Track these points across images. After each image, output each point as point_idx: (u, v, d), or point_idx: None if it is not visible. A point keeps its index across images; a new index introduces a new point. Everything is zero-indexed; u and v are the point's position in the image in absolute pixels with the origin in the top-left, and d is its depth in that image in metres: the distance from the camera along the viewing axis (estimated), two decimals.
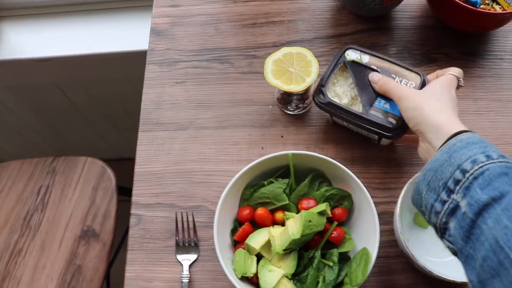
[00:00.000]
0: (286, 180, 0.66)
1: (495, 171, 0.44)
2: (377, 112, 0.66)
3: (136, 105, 0.80)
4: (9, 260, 1.03)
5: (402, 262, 0.68)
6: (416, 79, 0.66)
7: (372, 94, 0.67)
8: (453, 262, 0.67)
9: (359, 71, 0.68)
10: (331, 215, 0.64)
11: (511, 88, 0.78)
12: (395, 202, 0.66)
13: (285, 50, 0.72)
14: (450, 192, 0.46)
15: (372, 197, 0.63)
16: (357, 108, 0.68)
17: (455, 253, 0.46)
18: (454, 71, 0.63)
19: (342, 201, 0.65)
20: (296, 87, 0.69)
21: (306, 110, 0.77)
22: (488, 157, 0.46)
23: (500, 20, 0.76)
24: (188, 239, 0.69)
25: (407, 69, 0.67)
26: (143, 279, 0.68)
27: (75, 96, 1.24)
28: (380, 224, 0.63)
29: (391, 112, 0.66)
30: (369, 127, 0.67)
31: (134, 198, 0.73)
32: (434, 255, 0.67)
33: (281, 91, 0.73)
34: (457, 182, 0.45)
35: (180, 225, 0.70)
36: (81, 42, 1.04)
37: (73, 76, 1.13)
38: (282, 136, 0.75)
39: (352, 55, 0.69)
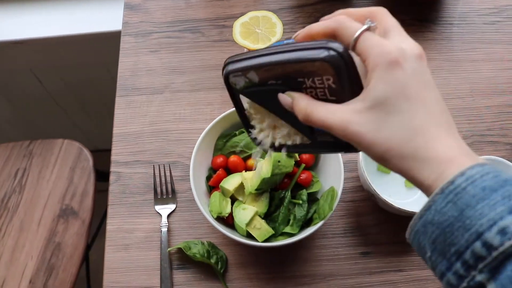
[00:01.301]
0: None
1: None
2: (324, 136, 0.42)
3: (111, 93, 0.82)
4: None
5: (368, 206, 0.74)
6: (328, 70, 0.37)
7: None
8: (413, 202, 0.73)
9: (263, 96, 0.44)
10: (298, 159, 0.69)
11: (460, 49, 0.86)
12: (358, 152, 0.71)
13: (251, 14, 0.77)
14: (468, 267, 0.34)
15: None
16: (300, 138, 0.45)
17: None
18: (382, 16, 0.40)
19: None
20: (262, 46, 0.74)
21: None
22: None
23: None
24: (166, 191, 0.73)
25: (308, 60, 0.38)
26: (124, 230, 0.71)
27: (49, 83, 1.26)
28: (345, 171, 0.68)
29: None
30: (328, 151, 0.47)
31: (113, 157, 0.76)
32: (397, 197, 0.73)
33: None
34: (479, 258, 0.33)
35: (158, 179, 0.74)
36: (55, 24, 1.06)
37: (47, 60, 1.16)
38: None
39: (238, 81, 0.43)
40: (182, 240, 0.71)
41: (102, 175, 1.16)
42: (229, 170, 0.69)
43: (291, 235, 0.65)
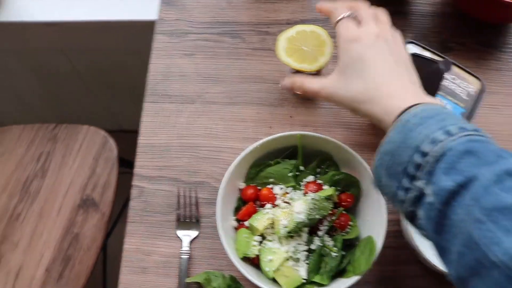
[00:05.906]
0: (293, 161, 0.64)
1: (457, 150, 0.39)
2: None
3: (140, 76, 0.78)
4: (7, 224, 1.02)
5: (406, 254, 0.67)
6: (475, 83, 0.66)
7: None
8: None
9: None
10: (337, 201, 0.62)
11: None
12: None
13: (299, 27, 0.69)
14: (411, 178, 0.41)
15: None
16: None
17: (429, 238, 0.42)
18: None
19: (350, 187, 0.64)
20: (308, 66, 0.67)
21: None
22: (448, 133, 0.40)
23: None
24: (189, 215, 0.68)
25: (466, 71, 0.66)
26: (142, 252, 0.67)
27: (79, 63, 1.22)
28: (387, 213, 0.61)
29: None
30: None
31: (136, 170, 0.71)
32: None
33: (293, 70, 0.70)
34: (417, 166, 0.40)
35: (182, 201, 0.69)
36: (90, 8, 1.01)
37: (79, 42, 1.11)
38: (291, 116, 0.74)
39: (412, 48, 0.67)
40: (202, 269, 0.66)
41: (125, 162, 1.12)
42: (260, 203, 0.64)
43: (320, 285, 0.59)
